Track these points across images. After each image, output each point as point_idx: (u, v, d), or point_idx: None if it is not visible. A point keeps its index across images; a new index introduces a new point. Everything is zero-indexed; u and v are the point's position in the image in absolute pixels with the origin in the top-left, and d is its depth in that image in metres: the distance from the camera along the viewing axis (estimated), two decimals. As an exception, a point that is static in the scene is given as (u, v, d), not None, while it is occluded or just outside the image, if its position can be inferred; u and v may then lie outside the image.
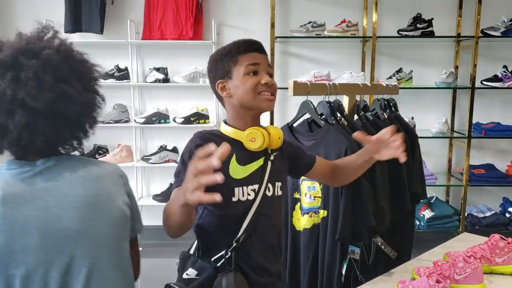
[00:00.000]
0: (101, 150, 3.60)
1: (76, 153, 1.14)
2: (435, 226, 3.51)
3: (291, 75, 3.60)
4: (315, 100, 1.80)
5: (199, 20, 3.55)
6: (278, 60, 3.58)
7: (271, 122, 3.39)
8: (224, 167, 1.21)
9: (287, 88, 3.56)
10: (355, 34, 3.42)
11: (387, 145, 1.37)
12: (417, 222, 3.49)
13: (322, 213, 1.72)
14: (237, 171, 1.28)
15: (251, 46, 1.33)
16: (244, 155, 1.30)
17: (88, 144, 3.65)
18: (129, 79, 3.53)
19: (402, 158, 1.35)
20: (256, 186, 1.30)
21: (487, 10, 3.38)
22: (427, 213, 3.50)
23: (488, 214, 3.58)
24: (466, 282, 1.46)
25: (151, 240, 3.74)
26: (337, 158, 1.60)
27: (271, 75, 1.33)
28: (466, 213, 3.58)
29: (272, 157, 1.35)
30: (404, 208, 1.91)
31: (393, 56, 3.66)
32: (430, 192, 3.47)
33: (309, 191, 1.77)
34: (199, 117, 3.52)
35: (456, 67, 3.64)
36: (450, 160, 3.80)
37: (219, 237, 1.29)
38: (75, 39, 3.55)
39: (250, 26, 3.63)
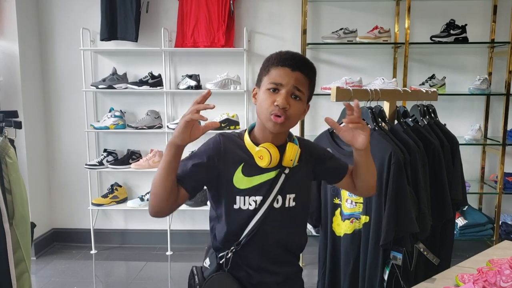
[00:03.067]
0: (134, 155, 3.66)
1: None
2: (468, 234, 3.46)
3: (322, 82, 3.60)
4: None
5: (231, 28, 3.59)
6: (309, 67, 3.59)
7: (301, 129, 3.40)
8: (229, 176, 1.33)
9: (318, 95, 3.59)
10: (387, 41, 3.41)
11: (355, 130, 1.30)
12: (450, 230, 3.44)
13: (364, 218, 1.73)
14: (241, 181, 1.33)
15: (284, 61, 1.29)
16: (253, 168, 1.33)
17: (122, 149, 3.73)
18: (162, 86, 3.58)
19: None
20: (259, 198, 1.33)
21: (523, 16, 3.34)
22: (460, 221, 3.46)
23: (524, 223, 3.51)
24: (514, 289, 1.44)
25: (182, 244, 3.79)
26: (381, 164, 1.61)
27: (297, 97, 1.29)
28: (500, 222, 3.52)
29: (287, 171, 1.35)
30: (446, 214, 1.90)
31: (425, 62, 3.64)
32: (464, 199, 3.43)
33: (350, 196, 1.77)
34: (230, 123, 3.55)
35: (490, 74, 3.59)
36: (483, 168, 3.75)
37: (224, 238, 1.36)
38: (111, 46, 3.65)
39: (281, 33, 3.66)
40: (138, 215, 3.85)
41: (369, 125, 1.74)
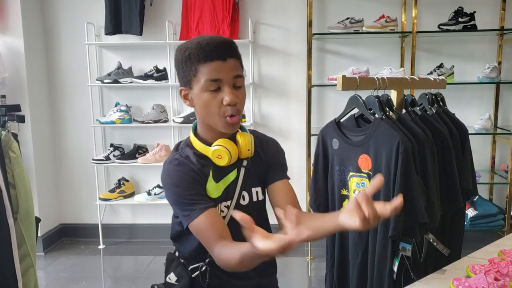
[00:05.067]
0: (140, 150, 3.65)
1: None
2: (478, 225, 3.42)
3: (329, 73, 3.57)
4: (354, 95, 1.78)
5: (236, 19, 3.55)
6: (315, 58, 3.55)
7: (308, 121, 3.36)
8: (203, 188, 1.21)
9: (324, 86, 3.55)
10: (394, 30, 3.36)
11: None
12: (460, 221, 3.41)
13: (372, 209, 1.70)
14: (213, 190, 1.23)
15: (212, 54, 1.13)
16: (219, 169, 1.24)
17: (128, 144, 3.72)
18: (168, 79, 3.56)
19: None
20: (229, 202, 1.24)
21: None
22: (470, 212, 3.42)
23: (535, 212, 3.46)
24: (526, 280, 1.41)
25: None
26: (389, 153, 1.57)
27: (237, 87, 1.18)
28: (511, 212, 3.47)
29: (245, 163, 1.27)
30: (456, 204, 1.86)
31: (433, 51, 3.58)
32: (474, 190, 3.39)
33: (357, 187, 1.74)
34: (236, 116, 3.52)
35: (499, 62, 3.53)
36: (493, 157, 3.70)
37: (195, 249, 1.26)
38: (115, 40, 3.63)
39: (287, 24, 3.62)
40: (146, 210, 3.85)
41: (376, 114, 1.71)
